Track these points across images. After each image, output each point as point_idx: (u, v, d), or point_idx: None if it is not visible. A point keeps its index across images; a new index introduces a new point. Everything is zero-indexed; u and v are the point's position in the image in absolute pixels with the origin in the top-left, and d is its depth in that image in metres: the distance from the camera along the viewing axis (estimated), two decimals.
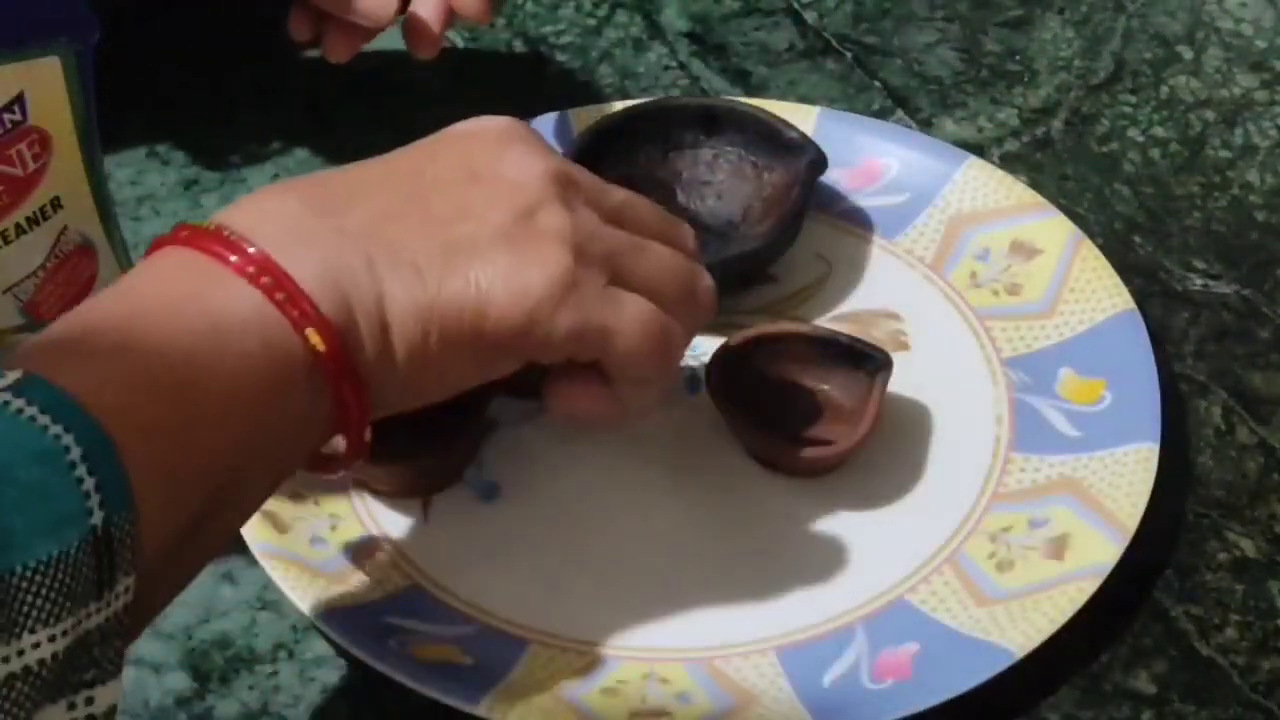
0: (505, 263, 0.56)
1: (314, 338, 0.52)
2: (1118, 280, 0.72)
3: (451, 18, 0.73)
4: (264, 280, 0.52)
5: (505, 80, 0.86)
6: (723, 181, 0.76)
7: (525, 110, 0.81)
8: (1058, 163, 0.81)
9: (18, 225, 0.61)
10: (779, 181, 0.75)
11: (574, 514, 0.67)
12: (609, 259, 0.59)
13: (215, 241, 0.53)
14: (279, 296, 0.52)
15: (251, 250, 0.53)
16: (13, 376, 0.46)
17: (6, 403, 0.45)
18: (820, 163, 0.74)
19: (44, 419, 0.45)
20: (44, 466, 0.45)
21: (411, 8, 0.73)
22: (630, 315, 0.58)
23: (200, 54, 0.83)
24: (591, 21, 0.89)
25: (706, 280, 0.62)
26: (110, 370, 0.49)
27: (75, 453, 0.45)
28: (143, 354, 0.50)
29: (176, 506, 0.49)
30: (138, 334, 0.50)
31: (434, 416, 0.60)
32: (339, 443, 0.56)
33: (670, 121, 0.77)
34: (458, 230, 0.56)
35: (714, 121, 0.76)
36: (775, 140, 0.75)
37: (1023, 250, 0.74)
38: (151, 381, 0.49)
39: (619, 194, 0.62)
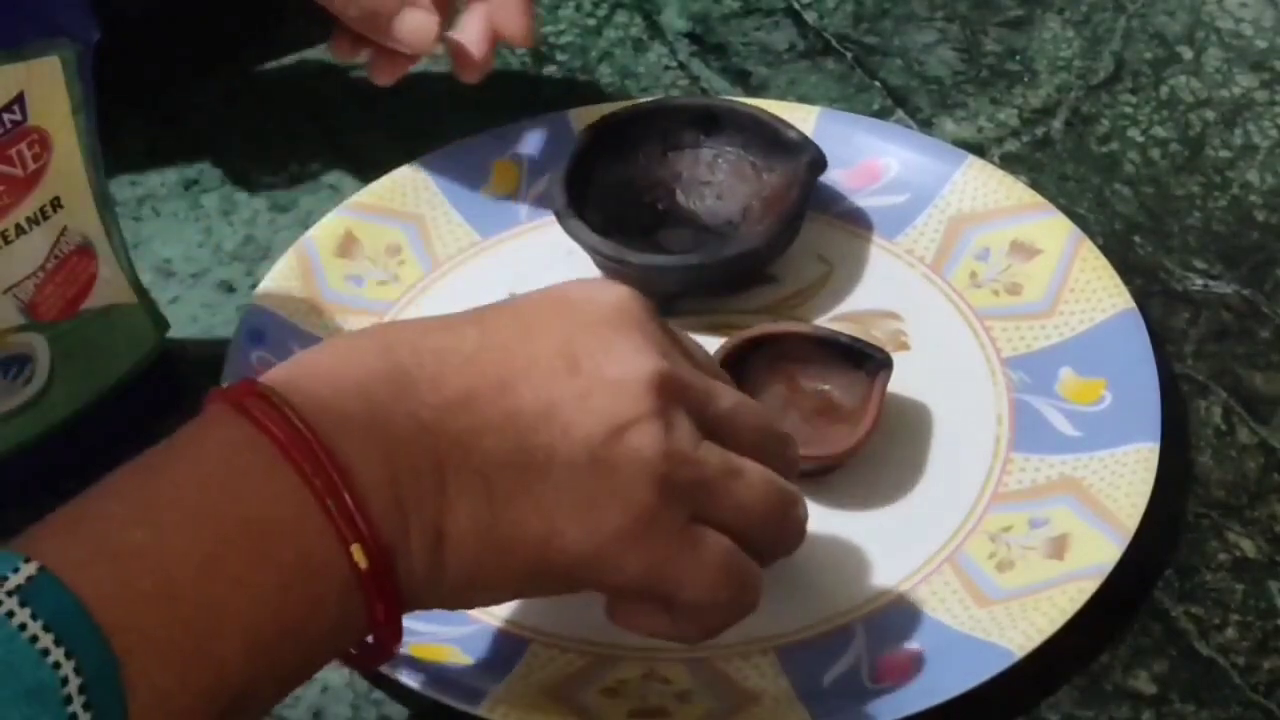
0: (583, 491, 0.51)
1: (358, 554, 0.48)
2: (1118, 280, 0.72)
3: (495, 41, 0.73)
4: (316, 483, 0.48)
5: (506, 80, 0.86)
6: (722, 181, 0.76)
7: (526, 110, 0.81)
8: (1058, 163, 0.81)
9: (18, 225, 0.61)
10: (778, 181, 0.75)
11: None
12: (697, 491, 0.53)
13: (274, 418, 0.48)
14: (329, 503, 0.48)
15: (310, 437, 0.48)
16: (26, 573, 0.44)
17: (11, 614, 0.43)
18: (820, 163, 0.74)
19: (46, 639, 0.43)
20: (34, 705, 0.43)
21: (454, 33, 0.73)
22: (707, 560, 0.54)
23: (200, 54, 0.83)
24: (591, 22, 0.89)
25: (799, 509, 0.57)
26: (129, 574, 0.45)
27: (74, 684, 0.43)
28: (167, 560, 0.46)
29: None
30: (167, 531, 0.47)
31: None
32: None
33: (670, 121, 0.77)
34: (539, 438, 0.51)
35: (714, 121, 0.76)
36: (775, 140, 0.75)
37: (1023, 250, 0.74)
38: (171, 595, 0.46)
39: (725, 401, 0.56)
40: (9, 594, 0.44)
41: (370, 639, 0.51)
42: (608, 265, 0.73)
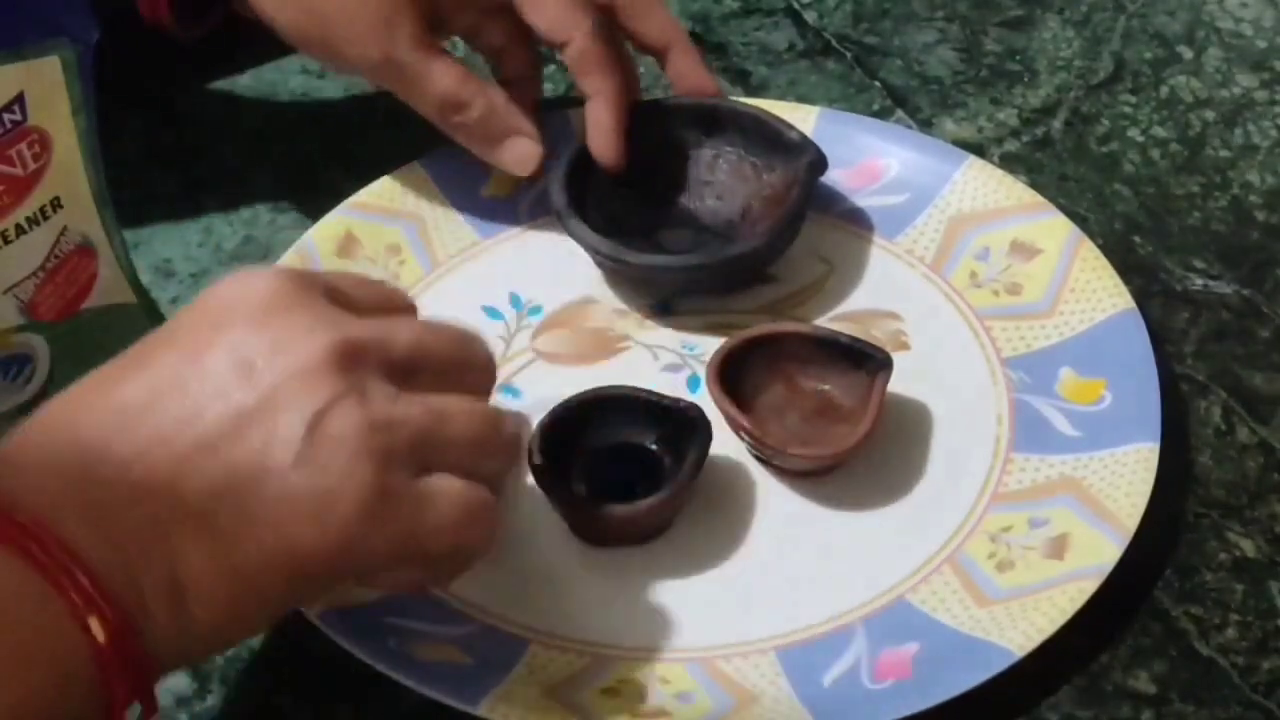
0: (304, 493, 0.50)
1: (96, 628, 0.47)
2: (1118, 280, 0.72)
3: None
4: (46, 562, 0.47)
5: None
6: (723, 182, 0.76)
7: None
8: (1058, 163, 0.81)
9: (18, 225, 0.61)
10: (779, 182, 0.74)
11: None
12: (413, 448, 0.53)
13: None
14: (63, 581, 0.47)
15: (31, 521, 0.47)
16: None
17: None
18: (820, 163, 0.74)
19: None
20: None
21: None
22: (446, 510, 0.54)
23: (200, 54, 0.83)
24: None
25: (507, 424, 0.58)
26: None
27: None
28: None
29: None
30: None
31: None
32: None
33: (670, 121, 0.77)
34: (241, 457, 0.50)
35: (714, 121, 0.76)
36: (775, 140, 0.75)
37: (1023, 250, 0.74)
38: None
39: (402, 340, 0.55)
40: None
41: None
42: (607, 265, 0.73)
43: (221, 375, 0.51)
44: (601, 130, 0.73)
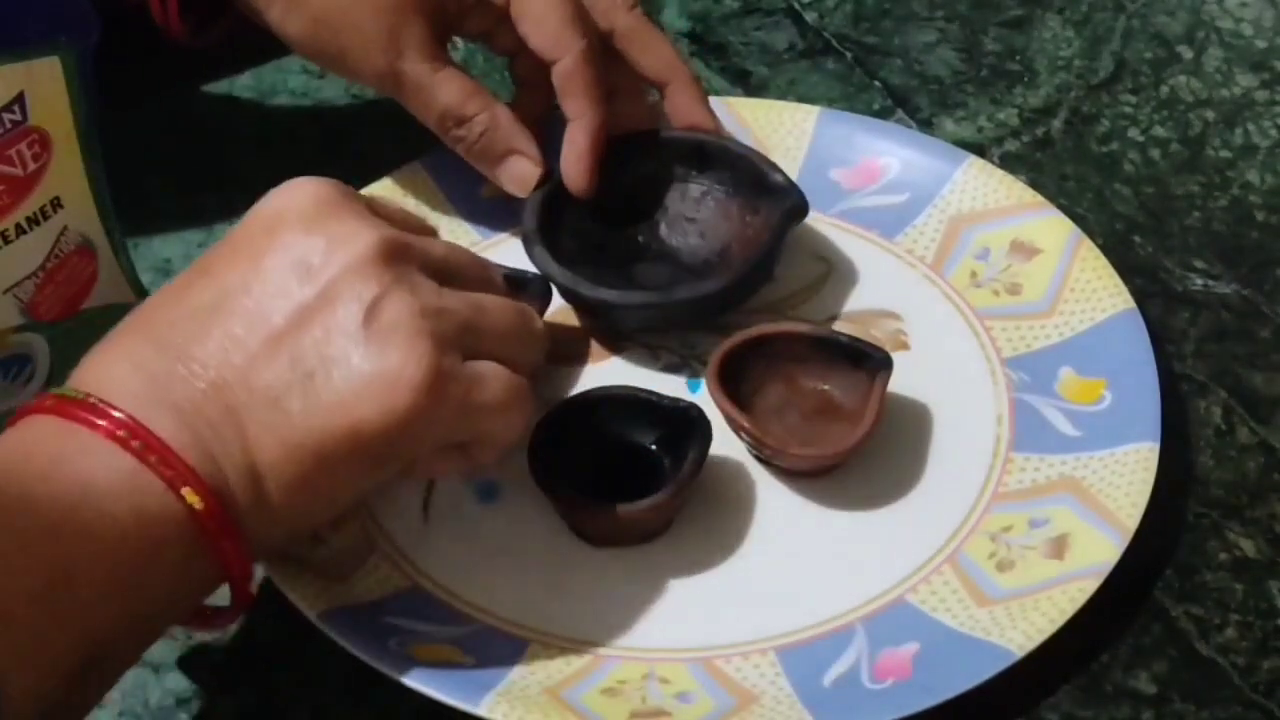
0: (367, 373, 0.55)
1: (191, 496, 0.52)
2: (1118, 280, 0.72)
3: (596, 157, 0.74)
4: (134, 444, 0.52)
5: (506, 80, 0.86)
6: (707, 219, 0.74)
7: None
8: (1058, 163, 0.81)
9: (18, 225, 0.61)
10: (760, 224, 0.73)
11: None
12: (460, 334, 0.58)
13: (80, 407, 0.53)
14: (151, 459, 0.52)
15: (118, 414, 0.52)
16: None
17: None
18: (800, 210, 0.72)
19: None
20: None
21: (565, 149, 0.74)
22: (495, 390, 0.59)
23: (200, 54, 0.83)
24: None
25: (535, 319, 0.64)
26: None
27: None
28: (8, 531, 0.49)
29: (42, 686, 0.49)
30: (3, 508, 0.50)
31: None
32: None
33: (661, 154, 0.75)
34: (305, 343, 0.55)
35: (704, 157, 0.75)
36: (760, 182, 0.73)
37: (1023, 250, 0.74)
38: (18, 562, 0.49)
39: (438, 248, 0.62)
40: None
41: (217, 601, 0.55)
42: (563, 294, 0.71)
43: (282, 275, 0.56)
44: (575, 155, 0.72)
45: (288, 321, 0.56)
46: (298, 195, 0.58)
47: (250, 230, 0.58)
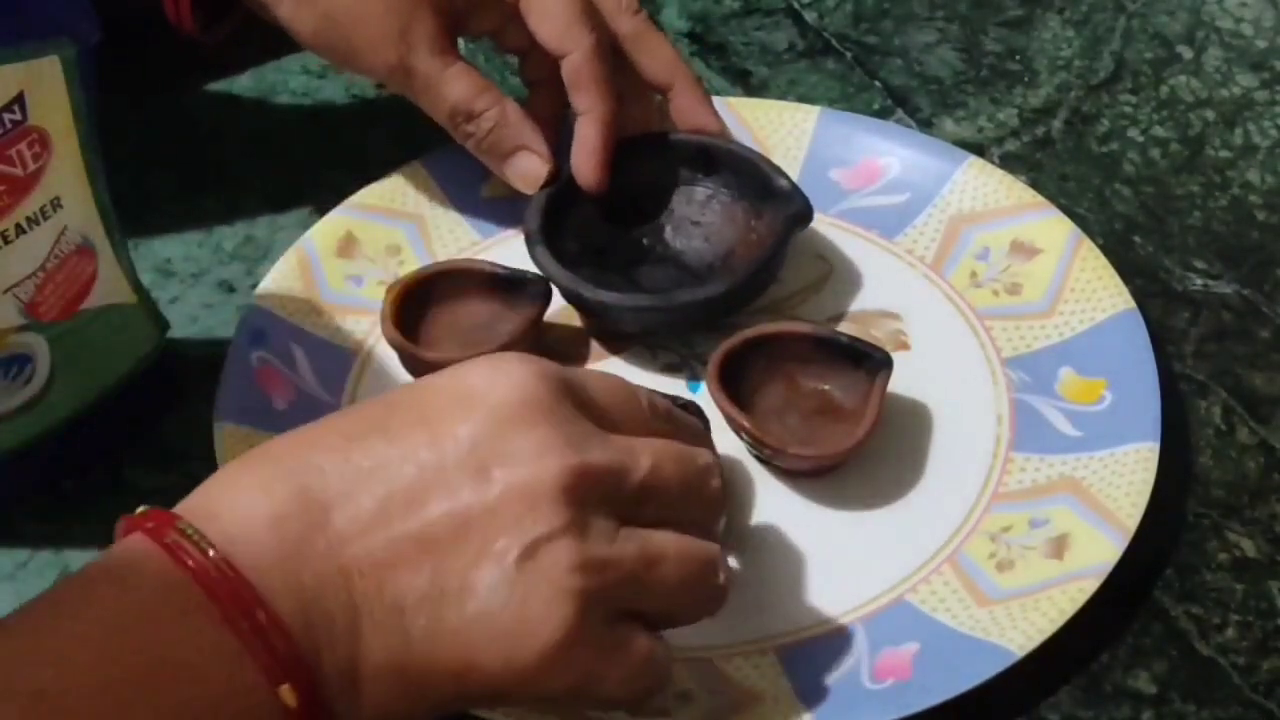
0: (500, 620, 0.50)
1: (287, 695, 0.48)
2: (1118, 280, 0.72)
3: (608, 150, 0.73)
4: (243, 625, 0.47)
5: (508, 81, 0.86)
6: (712, 223, 0.74)
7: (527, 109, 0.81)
8: (1058, 163, 0.81)
9: (18, 225, 0.61)
10: (764, 229, 0.73)
11: None
12: (617, 590, 0.52)
13: (193, 554, 0.48)
14: (257, 643, 0.48)
15: (233, 576, 0.48)
16: None
17: None
18: (804, 216, 0.72)
19: None
20: None
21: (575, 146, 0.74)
22: (631, 662, 0.53)
23: (200, 54, 0.83)
24: None
25: (719, 575, 0.56)
26: (33, 716, 0.45)
27: None
28: (73, 701, 0.45)
29: None
30: (76, 671, 0.46)
31: None
32: None
33: (667, 156, 0.75)
34: (453, 563, 0.50)
35: (710, 160, 0.75)
36: (765, 186, 0.73)
37: (1023, 250, 0.74)
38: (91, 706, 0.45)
39: (641, 467, 0.54)
40: None
41: None
42: (565, 295, 0.71)
43: (455, 467, 0.51)
44: (586, 150, 0.72)
45: (446, 524, 0.51)
46: (505, 383, 0.53)
47: (442, 398, 0.53)
